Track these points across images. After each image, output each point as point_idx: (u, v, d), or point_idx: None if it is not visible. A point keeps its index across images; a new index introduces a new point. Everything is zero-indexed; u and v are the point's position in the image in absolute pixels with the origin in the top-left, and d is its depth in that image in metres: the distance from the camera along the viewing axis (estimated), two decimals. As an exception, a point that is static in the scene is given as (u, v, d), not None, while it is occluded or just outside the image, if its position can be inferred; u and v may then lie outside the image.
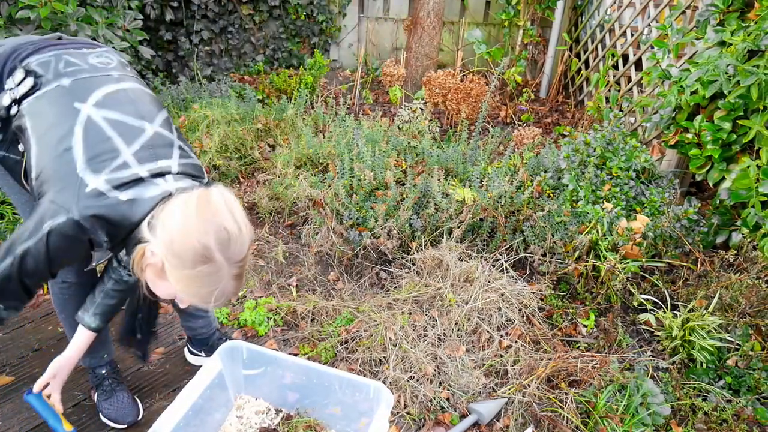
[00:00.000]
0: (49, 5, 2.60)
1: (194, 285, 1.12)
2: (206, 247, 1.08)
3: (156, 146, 1.23)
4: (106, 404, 1.69)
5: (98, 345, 1.68)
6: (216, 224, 1.09)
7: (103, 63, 1.33)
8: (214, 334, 1.93)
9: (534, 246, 2.39)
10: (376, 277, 2.45)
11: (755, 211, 2.23)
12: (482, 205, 2.50)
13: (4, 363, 1.89)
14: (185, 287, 1.13)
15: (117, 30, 3.06)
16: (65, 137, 1.16)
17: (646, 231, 2.39)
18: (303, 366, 1.60)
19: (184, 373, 1.92)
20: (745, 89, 2.28)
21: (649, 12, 3.77)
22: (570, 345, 2.17)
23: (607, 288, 2.31)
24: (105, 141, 1.17)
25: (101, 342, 1.70)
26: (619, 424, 1.72)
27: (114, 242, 1.19)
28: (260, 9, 4.59)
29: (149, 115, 1.27)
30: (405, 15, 5.33)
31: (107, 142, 1.17)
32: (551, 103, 4.83)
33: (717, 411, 1.84)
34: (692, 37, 2.74)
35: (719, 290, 2.21)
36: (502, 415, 1.82)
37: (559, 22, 4.77)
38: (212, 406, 1.57)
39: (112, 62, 1.35)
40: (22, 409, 1.72)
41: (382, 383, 1.53)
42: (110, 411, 1.68)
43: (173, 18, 4.02)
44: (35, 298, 2.20)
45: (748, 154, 2.41)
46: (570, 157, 2.74)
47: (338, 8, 5.08)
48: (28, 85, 1.23)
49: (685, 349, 2.05)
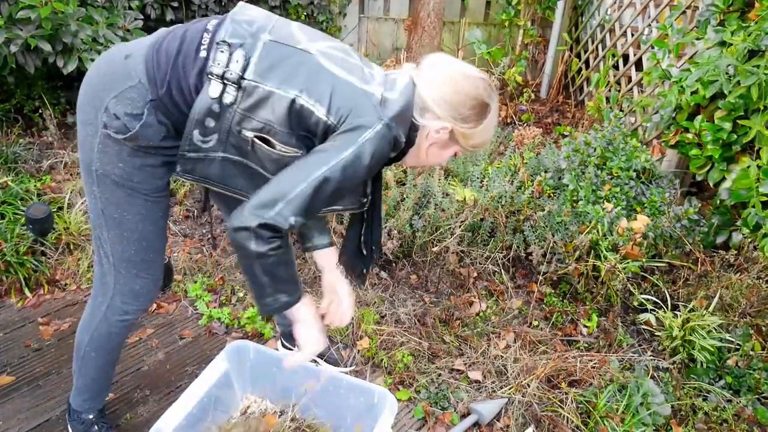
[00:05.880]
0: (49, 5, 2.60)
1: (485, 133, 1.31)
2: (482, 101, 1.26)
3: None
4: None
5: (105, 383, 1.57)
6: (471, 76, 1.27)
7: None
8: None
9: (534, 246, 2.39)
10: (376, 278, 2.44)
11: (755, 211, 2.23)
12: (483, 205, 2.49)
13: (4, 363, 1.89)
14: (477, 140, 1.31)
15: (117, 30, 3.06)
16: (322, 72, 1.19)
17: (647, 231, 2.39)
18: (309, 368, 1.60)
19: (184, 373, 1.92)
20: (745, 89, 2.27)
21: (650, 12, 3.77)
22: (570, 345, 2.17)
23: (608, 288, 2.31)
24: (345, 62, 1.23)
25: (108, 379, 1.57)
26: (619, 423, 1.72)
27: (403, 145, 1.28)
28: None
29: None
30: (405, 15, 5.32)
31: (345, 62, 1.24)
32: (551, 103, 4.82)
33: (717, 411, 1.84)
34: (692, 37, 2.74)
35: (719, 290, 2.21)
36: (503, 415, 1.82)
37: (560, 22, 4.77)
38: (218, 406, 1.57)
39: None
40: (22, 408, 1.72)
41: (387, 389, 1.53)
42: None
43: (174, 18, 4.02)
44: (36, 297, 2.20)
45: (749, 154, 2.40)
46: (570, 157, 2.74)
47: (338, 8, 5.08)
48: (240, 59, 1.16)
49: (685, 349, 2.05)
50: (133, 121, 1.18)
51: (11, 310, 2.14)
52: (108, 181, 1.25)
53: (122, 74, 1.19)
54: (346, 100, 1.18)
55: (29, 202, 2.48)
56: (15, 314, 2.12)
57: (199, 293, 2.27)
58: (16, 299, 2.18)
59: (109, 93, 1.19)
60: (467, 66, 1.29)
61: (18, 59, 2.76)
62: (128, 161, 1.23)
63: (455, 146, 1.33)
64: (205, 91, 1.16)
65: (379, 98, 1.21)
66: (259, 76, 1.16)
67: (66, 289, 2.27)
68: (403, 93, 1.24)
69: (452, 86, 1.25)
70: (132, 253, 1.33)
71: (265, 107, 1.16)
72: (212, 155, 1.22)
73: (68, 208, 2.50)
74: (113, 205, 1.27)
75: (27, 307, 2.16)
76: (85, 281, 2.30)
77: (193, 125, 1.18)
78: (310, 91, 1.16)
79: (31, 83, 3.45)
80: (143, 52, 1.20)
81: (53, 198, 2.63)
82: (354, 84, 1.20)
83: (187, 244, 2.57)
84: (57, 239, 2.37)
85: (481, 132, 1.29)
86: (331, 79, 1.19)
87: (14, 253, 2.20)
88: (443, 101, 1.24)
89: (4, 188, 2.53)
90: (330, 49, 1.24)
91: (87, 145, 1.24)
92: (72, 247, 2.40)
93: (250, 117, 1.17)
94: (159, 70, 1.18)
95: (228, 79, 1.15)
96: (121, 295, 1.38)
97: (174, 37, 1.22)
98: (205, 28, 1.21)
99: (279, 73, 1.17)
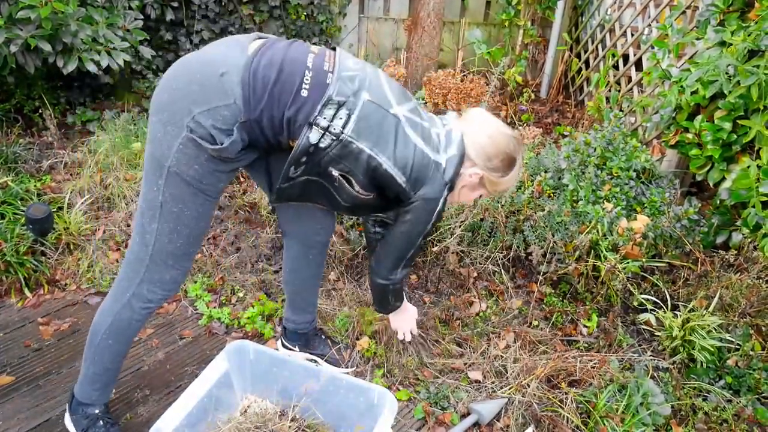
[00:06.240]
0: (49, 5, 2.60)
1: (510, 182, 1.54)
2: (512, 156, 1.50)
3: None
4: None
5: (114, 375, 1.58)
6: (506, 134, 1.49)
7: (351, 64, 1.40)
8: (313, 330, 1.96)
9: (534, 246, 2.39)
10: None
11: (755, 211, 2.23)
12: (482, 205, 2.49)
13: (4, 363, 1.89)
14: (502, 187, 1.55)
15: (117, 30, 3.06)
16: (407, 141, 1.39)
17: (647, 231, 2.39)
18: (309, 368, 1.60)
19: (184, 373, 1.92)
20: (745, 89, 2.27)
21: (650, 12, 3.77)
22: (570, 345, 2.17)
23: (607, 288, 2.31)
24: (421, 128, 1.44)
25: (117, 371, 1.58)
26: (619, 423, 1.72)
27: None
28: (261, 9, 4.58)
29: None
30: (405, 15, 5.32)
31: (421, 128, 1.44)
32: (551, 103, 4.82)
33: (717, 411, 1.84)
34: (692, 37, 2.74)
35: (719, 290, 2.21)
36: (503, 415, 1.82)
37: (560, 22, 4.77)
38: (218, 406, 1.57)
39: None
40: (22, 408, 1.72)
41: (387, 389, 1.53)
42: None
43: (174, 18, 4.02)
44: (36, 297, 2.20)
45: (749, 154, 2.40)
46: (570, 157, 2.74)
47: (338, 8, 5.08)
48: (343, 116, 1.30)
49: (685, 349, 2.05)
50: (221, 136, 1.27)
51: (11, 310, 2.14)
52: (178, 179, 1.32)
53: (219, 92, 1.25)
54: (422, 173, 1.41)
55: (29, 202, 2.48)
56: (15, 314, 2.12)
57: (199, 293, 2.27)
58: (16, 299, 2.18)
59: (201, 105, 1.25)
60: (503, 124, 1.52)
61: (18, 59, 2.76)
62: (204, 165, 1.31)
63: (482, 190, 1.56)
64: (306, 137, 1.30)
65: (444, 166, 1.44)
66: (356, 134, 1.32)
67: (66, 289, 2.27)
68: (459, 148, 1.46)
69: (490, 140, 1.48)
70: (178, 245, 1.40)
71: (355, 160, 1.35)
72: (298, 180, 1.40)
73: (68, 208, 2.50)
74: (176, 200, 1.34)
75: (27, 307, 2.16)
76: (85, 281, 2.30)
77: (291, 163, 1.34)
78: (396, 160, 1.37)
79: (31, 83, 3.45)
80: (240, 73, 1.26)
81: (53, 198, 2.63)
82: (428, 156, 1.42)
83: (187, 244, 2.57)
84: (57, 239, 2.37)
85: (507, 181, 1.53)
86: (413, 150, 1.39)
87: (14, 253, 2.20)
88: (482, 152, 1.48)
89: (4, 188, 2.53)
90: (411, 113, 1.43)
91: (164, 143, 1.29)
92: (72, 247, 2.40)
93: (339, 161, 1.34)
94: (254, 96, 1.26)
95: (330, 132, 1.30)
96: (149, 283, 1.42)
97: (271, 64, 1.29)
98: (306, 65, 1.31)
99: (373, 135, 1.34)
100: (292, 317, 1.92)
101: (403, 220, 1.49)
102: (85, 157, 2.95)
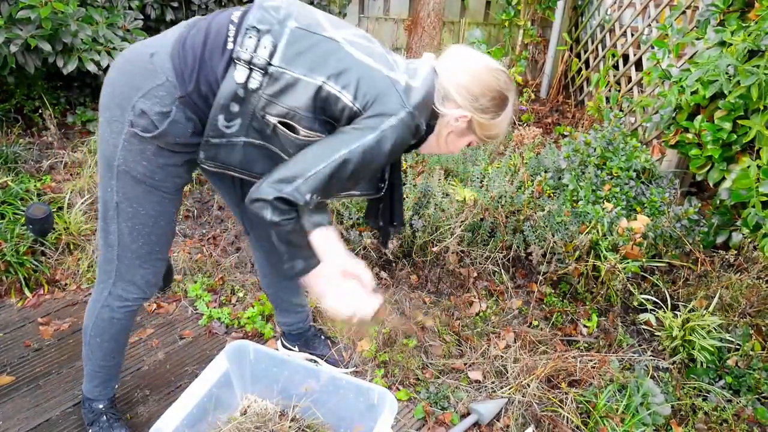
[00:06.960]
0: (49, 5, 2.60)
1: (501, 125, 1.34)
2: (502, 93, 1.29)
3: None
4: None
5: (112, 371, 1.58)
6: (492, 68, 1.29)
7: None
8: (310, 329, 1.94)
9: (534, 246, 2.39)
10: (376, 278, 2.44)
11: (755, 211, 2.23)
12: (482, 205, 2.49)
13: (4, 363, 1.89)
14: (493, 131, 1.34)
15: (117, 30, 3.06)
16: (349, 59, 1.20)
17: (647, 231, 2.39)
18: (309, 368, 1.60)
19: (184, 373, 1.92)
20: (745, 89, 2.27)
21: (650, 12, 3.77)
22: (570, 345, 2.17)
23: (607, 288, 2.31)
24: (370, 50, 1.25)
25: (115, 367, 1.59)
26: (619, 423, 1.72)
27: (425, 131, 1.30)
28: (260, 9, 4.59)
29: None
30: (405, 15, 5.32)
31: (370, 49, 1.25)
32: (551, 103, 4.82)
33: (717, 411, 1.84)
34: (692, 37, 2.74)
35: (719, 290, 2.21)
36: (503, 415, 1.82)
37: (560, 22, 4.77)
38: (218, 406, 1.57)
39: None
40: (22, 408, 1.72)
41: (387, 389, 1.53)
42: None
43: (174, 18, 4.01)
44: (36, 297, 2.20)
45: (749, 154, 2.40)
46: (570, 157, 2.74)
47: (338, 8, 5.08)
48: (268, 45, 1.16)
49: (685, 349, 2.05)
50: (161, 119, 1.19)
51: (11, 310, 2.14)
52: (128, 178, 1.27)
53: (149, 73, 1.19)
54: (372, 87, 1.20)
55: (29, 202, 2.48)
56: (15, 314, 2.12)
57: (199, 293, 2.27)
58: (16, 299, 2.18)
59: (137, 92, 1.19)
60: (489, 58, 1.32)
61: (18, 59, 2.76)
62: (152, 160, 1.25)
63: (471, 136, 1.36)
64: (230, 75, 1.16)
65: (404, 85, 1.22)
66: (286, 63, 1.17)
67: (66, 289, 2.27)
68: (426, 81, 1.26)
69: (474, 77, 1.28)
70: (139, 245, 1.36)
71: (291, 93, 1.18)
72: (235, 140, 1.24)
73: (68, 208, 2.50)
74: (130, 199, 1.30)
75: (27, 307, 2.16)
76: (85, 281, 2.30)
77: (218, 110, 1.19)
78: (337, 78, 1.18)
79: (31, 83, 3.45)
80: (168, 49, 1.20)
81: (53, 198, 2.63)
82: (381, 71, 1.22)
83: (187, 244, 2.57)
84: (57, 239, 2.37)
85: (498, 123, 1.33)
86: (358, 67, 1.20)
87: (14, 253, 2.20)
88: (465, 91, 1.27)
89: (4, 188, 2.53)
90: (355, 36, 1.25)
91: (110, 143, 1.26)
92: (72, 247, 2.40)
93: (275, 102, 1.18)
94: (186, 66, 1.19)
95: (255, 64, 1.16)
96: (122, 282, 1.41)
97: (198, 31, 1.22)
98: (230, 20, 1.21)
99: (306, 60, 1.18)
100: (281, 319, 1.91)
101: (338, 130, 1.22)
102: (85, 157, 2.95)
